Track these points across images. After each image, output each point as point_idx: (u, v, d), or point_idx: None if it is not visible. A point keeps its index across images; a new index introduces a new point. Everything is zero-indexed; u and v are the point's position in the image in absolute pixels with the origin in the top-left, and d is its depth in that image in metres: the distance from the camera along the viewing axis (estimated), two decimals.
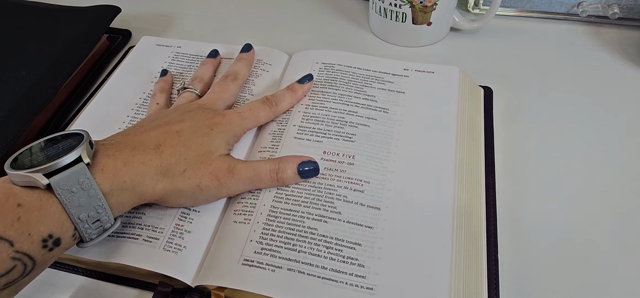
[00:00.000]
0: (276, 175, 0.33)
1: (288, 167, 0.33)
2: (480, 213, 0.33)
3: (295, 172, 0.33)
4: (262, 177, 0.33)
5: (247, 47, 0.44)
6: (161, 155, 0.30)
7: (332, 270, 0.29)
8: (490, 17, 0.46)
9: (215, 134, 0.33)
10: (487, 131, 0.38)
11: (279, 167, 0.33)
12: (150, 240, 0.31)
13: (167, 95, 0.41)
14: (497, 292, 0.29)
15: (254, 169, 0.33)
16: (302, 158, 0.34)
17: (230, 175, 0.32)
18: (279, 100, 0.38)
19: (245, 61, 0.42)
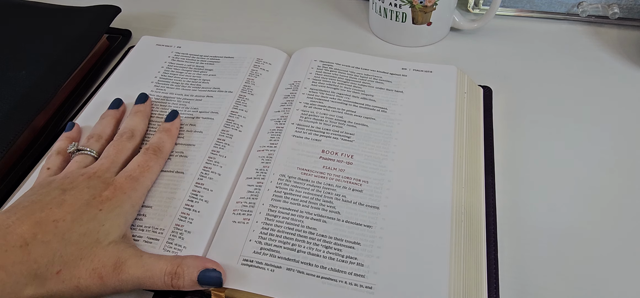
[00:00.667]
0: (171, 280, 0.28)
1: (186, 272, 0.28)
2: (480, 213, 0.33)
3: (195, 280, 0.28)
4: (154, 280, 0.28)
5: (142, 97, 0.39)
6: (29, 255, 0.25)
7: (332, 269, 0.29)
8: (490, 17, 0.46)
9: (105, 215, 0.29)
10: (487, 131, 0.38)
11: (177, 272, 0.28)
12: (150, 241, 0.31)
13: (63, 157, 0.35)
14: (497, 292, 0.29)
15: (145, 268, 0.28)
16: (206, 263, 0.28)
17: (116, 273, 0.27)
18: (161, 145, 0.35)
19: (142, 114, 0.38)
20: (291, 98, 0.40)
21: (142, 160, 0.33)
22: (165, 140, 0.36)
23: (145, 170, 0.33)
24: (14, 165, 0.38)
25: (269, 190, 0.33)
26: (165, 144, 0.35)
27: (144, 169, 0.33)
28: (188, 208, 0.33)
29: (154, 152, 0.34)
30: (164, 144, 0.35)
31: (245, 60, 0.44)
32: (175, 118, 0.38)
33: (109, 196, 0.30)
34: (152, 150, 0.34)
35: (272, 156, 0.35)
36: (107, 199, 0.29)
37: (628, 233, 0.32)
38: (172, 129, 0.37)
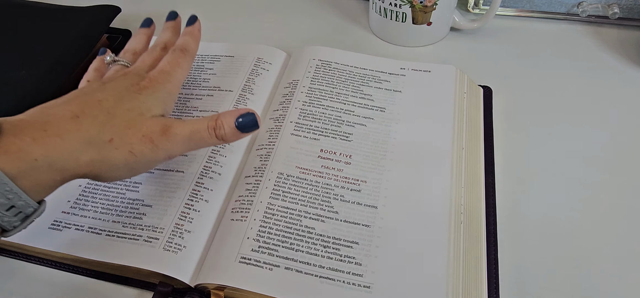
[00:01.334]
0: (214, 132, 0.31)
1: (225, 122, 0.31)
2: (480, 213, 0.33)
3: (233, 127, 0.31)
4: (201, 135, 0.31)
5: (172, 15, 0.40)
6: (81, 126, 0.28)
7: (330, 269, 0.29)
8: (490, 17, 0.46)
9: (144, 97, 0.31)
10: (487, 131, 0.38)
11: (216, 123, 0.31)
12: (150, 240, 0.31)
13: (100, 73, 0.36)
14: (497, 292, 0.29)
15: (191, 127, 0.31)
16: (240, 111, 0.31)
17: (165, 136, 0.30)
18: (186, 45, 0.37)
19: (172, 29, 0.39)
20: (290, 97, 0.40)
21: (172, 58, 0.35)
22: (190, 42, 0.37)
23: (175, 65, 0.35)
24: None
25: (267, 188, 0.33)
26: (190, 45, 0.37)
27: (175, 65, 0.35)
28: (188, 208, 0.33)
29: (182, 50, 0.36)
30: (189, 44, 0.37)
31: (246, 60, 0.44)
32: (196, 21, 0.40)
33: (145, 85, 0.32)
34: (180, 49, 0.36)
35: (271, 154, 0.35)
36: (144, 87, 0.32)
37: (628, 233, 0.32)
38: (194, 31, 0.39)
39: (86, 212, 0.33)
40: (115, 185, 0.35)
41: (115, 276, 0.31)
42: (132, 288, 0.31)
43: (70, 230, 0.32)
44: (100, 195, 0.34)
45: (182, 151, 0.31)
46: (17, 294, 0.31)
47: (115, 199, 0.34)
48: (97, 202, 0.34)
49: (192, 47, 0.37)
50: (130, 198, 0.34)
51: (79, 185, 0.35)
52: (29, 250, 0.32)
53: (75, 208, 0.33)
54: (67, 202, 0.34)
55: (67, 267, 0.32)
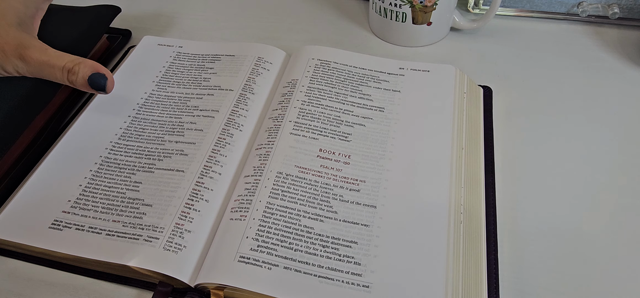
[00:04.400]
0: (67, 75, 0.32)
1: (81, 71, 0.32)
2: (480, 213, 0.33)
3: (86, 79, 0.32)
4: (54, 71, 0.31)
5: None
6: None
7: (329, 268, 0.29)
8: (490, 17, 0.46)
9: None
10: (487, 131, 0.38)
11: (73, 69, 0.32)
12: (150, 240, 0.31)
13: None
14: (497, 292, 0.29)
15: (48, 59, 0.31)
16: (99, 68, 0.32)
17: (18, 52, 0.30)
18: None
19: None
20: (289, 96, 0.40)
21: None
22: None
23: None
24: (14, 165, 0.38)
25: (266, 188, 0.33)
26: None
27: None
28: (188, 207, 0.33)
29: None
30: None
31: (247, 59, 0.44)
32: None
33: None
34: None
35: (270, 153, 0.35)
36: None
37: (628, 233, 0.32)
38: None
39: (86, 211, 0.33)
40: (115, 184, 0.35)
41: (115, 276, 0.32)
42: (132, 288, 0.31)
43: (70, 230, 0.32)
44: (100, 195, 0.34)
45: (30, 74, 0.32)
46: (17, 294, 0.31)
47: (116, 199, 0.34)
48: (97, 201, 0.34)
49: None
50: (131, 198, 0.34)
51: (79, 185, 0.35)
52: (29, 250, 0.32)
53: (76, 208, 0.33)
54: (68, 202, 0.34)
55: (67, 267, 0.32)
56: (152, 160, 0.36)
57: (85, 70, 0.32)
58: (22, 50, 0.30)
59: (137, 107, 0.41)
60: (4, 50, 0.30)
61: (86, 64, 0.32)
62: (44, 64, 0.31)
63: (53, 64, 0.31)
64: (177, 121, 0.39)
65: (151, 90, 0.42)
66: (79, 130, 0.39)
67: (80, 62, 0.32)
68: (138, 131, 0.39)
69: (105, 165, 0.36)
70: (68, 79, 0.32)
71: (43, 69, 0.31)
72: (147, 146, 0.37)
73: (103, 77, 0.32)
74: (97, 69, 0.32)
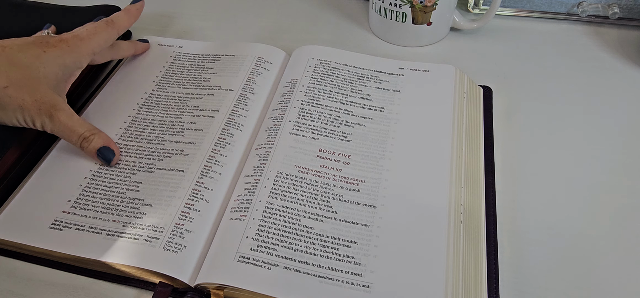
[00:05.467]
0: (81, 142, 0.34)
1: (93, 143, 0.34)
2: (480, 213, 0.33)
3: (95, 150, 0.34)
4: (71, 136, 0.34)
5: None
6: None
7: (329, 268, 0.29)
8: (490, 17, 0.46)
9: (48, 57, 0.33)
10: (487, 131, 0.38)
11: (88, 139, 0.34)
12: (150, 240, 0.31)
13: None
14: (497, 292, 0.29)
15: (72, 122, 0.34)
16: (110, 144, 0.35)
17: (50, 113, 0.33)
18: (115, 19, 0.38)
19: (129, 13, 0.40)
20: (289, 96, 0.40)
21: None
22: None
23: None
24: (14, 165, 0.38)
25: (266, 187, 0.33)
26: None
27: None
28: (188, 207, 0.33)
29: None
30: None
31: (247, 59, 0.44)
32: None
33: (53, 44, 0.34)
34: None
35: (270, 153, 0.35)
36: (51, 46, 0.33)
37: (628, 233, 0.32)
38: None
39: (87, 211, 0.33)
40: (115, 184, 0.35)
41: (115, 276, 0.32)
42: (132, 288, 0.31)
43: (70, 230, 0.32)
44: (100, 195, 0.34)
45: (51, 132, 0.34)
46: (17, 294, 0.31)
47: (116, 199, 0.34)
48: (97, 201, 0.34)
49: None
50: (131, 198, 0.34)
51: (79, 185, 0.35)
52: (29, 250, 0.32)
53: (76, 208, 0.33)
54: (68, 202, 0.34)
55: (67, 267, 0.32)
56: (152, 160, 0.36)
57: (98, 142, 0.35)
58: (53, 111, 0.33)
59: (137, 107, 0.41)
60: (39, 108, 0.32)
61: (100, 136, 0.35)
62: (67, 128, 0.34)
63: (74, 130, 0.34)
64: (177, 121, 0.39)
65: (151, 90, 0.42)
66: None
67: (96, 133, 0.35)
68: (138, 131, 0.39)
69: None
70: (81, 145, 0.35)
71: (65, 132, 0.34)
72: (147, 146, 0.37)
73: (111, 152, 0.35)
74: (108, 144, 0.35)
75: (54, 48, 0.33)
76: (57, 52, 0.33)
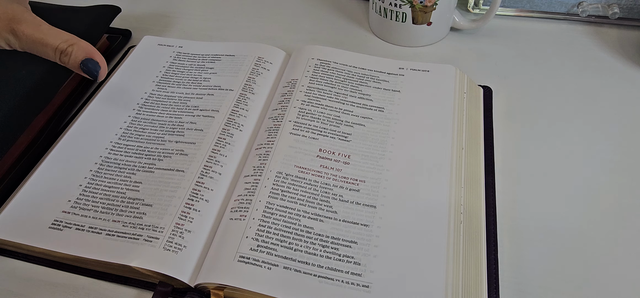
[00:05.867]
0: (60, 56, 0.31)
1: (74, 53, 0.31)
2: (480, 213, 0.33)
3: (79, 62, 0.31)
4: (46, 50, 0.31)
5: None
6: None
7: (328, 268, 0.29)
8: (490, 17, 0.46)
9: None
10: (487, 131, 0.38)
11: (67, 51, 0.31)
12: (150, 240, 0.31)
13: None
14: (497, 292, 0.29)
15: (42, 34, 0.30)
16: (94, 54, 0.32)
17: (11, 31, 0.29)
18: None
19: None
20: (289, 96, 0.40)
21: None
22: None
23: None
24: (14, 165, 0.38)
25: (266, 187, 0.33)
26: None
27: None
28: (188, 207, 0.33)
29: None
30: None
31: (247, 59, 0.44)
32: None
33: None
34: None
35: (269, 153, 0.35)
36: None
37: (628, 233, 0.32)
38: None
39: (87, 211, 0.33)
40: (115, 184, 0.35)
41: (115, 276, 0.32)
42: (132, 288, 0.31)
43: (70, 230, 0.32)
44: (100, 195, 0.34)
45: (22, 49, 0.31)
46: (17, 294, 0.31)
47: (116, 199, 0.34)
48: (97, 201, 0.34)
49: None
50: (131, 198, 0.34)
51: (79, 185, 0.35)
52: (29, 250, 0.32)
53: (76, 208, 0.33)
54: (68, 202, 0.34)
55: (67, 267, 0.32)
56: (152, 160, 0.36)
57: (79, 53, 0.31)
58: (15, 24, 0.29)
59: (137, 107, 0.41)
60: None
61: (80, 46, 0.31)
62: (36, 42, 0.30)
63: (46, 42, 0.30)
64: (177, 121, 0.39)
65: (151, 90, 0.42)
66: (79, 130, 0.39)
67: (74, 43, 0.31)
68: (138, 131, 0.39)
69: (106, 165, 0.36)
70: (60, 60, 0.31)
71: (35, 46, 0.30)
72: (147, 146, 0.37)
73: (96, 64, 0.32)
74: (90, 54, 0.31)
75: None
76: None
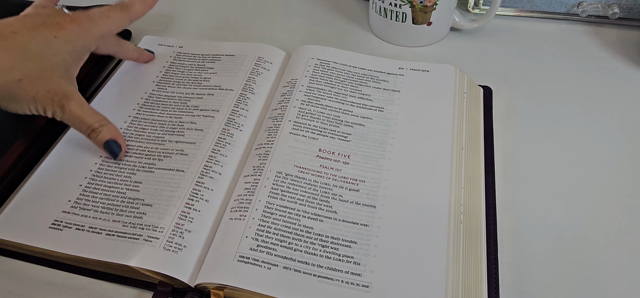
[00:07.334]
0: (90, 133, 0.34)
1: (102, 133, 0.34)
2: (480, 213, 0.33)
3: (103, 142, 0.35)
4: (81, 127, 0.34)
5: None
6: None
7: (328, 268, 0.29)
8: (490, 17, 0.46)
9: (59, 43, 0.32)
10: (487, 131, 0.38)
11: (97, 130, 0.34)
12: (150, 240, 0.31)
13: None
14: (497, 292, 0.29)
15: (82, 113, 0.34)
16: (118, 137, 0.35)
17: (62, 105, 0.33)
18: (130, 4, 0.37)
19: (143, 1, 0.38)
20: (288, 96, 0.40)
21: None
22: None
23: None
24: (14, 165, 0.38)
25: (265, 187, 0.33)
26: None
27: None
28: (188, 207, 0.33)
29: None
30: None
31: (247, 59, 0.44)
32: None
33: (64, 25, 0.33)
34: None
35: (269, 153, 0.35)
36: (62, 28, 0.33)
37: (628, 233, 0.32)
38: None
39: (87, 211, 0.33)
40: (115, 184, 0.35)
41: (115, 276, 0.32)
42: (132, 288, 0.31)
43: (70, 230, 0.32)
44: (100, 195, 0.34)
45: (63, 120, 0.34)
46: (17, 294, 0.31)
47: (116, 198, 0.34)
48: (97, 201, 0.34)
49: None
50: (131, 198, 0.34)
51: (80, 185, 0.35)
52: (29, 250, 0.32)
53: (76, 208, 0.33)
54: (68, 202, 0.34)
55: (67, 267, 0.32)
56: (152, 160, 0.36)
57: (106, 134, 0.35)
58: (65, 101, 0.33)
59: (137, 107, 0.41)
60: (52, 98, 0.32)
61: (109, 129, 0.35)
62: (77, 118, 0.34)
63: (84, 121, 0.34)
64: (177, 121, 0.39)
65: (151, 90, 0.42)
66: None
67: (105, 125, 0.35)
68: (138, 131, 0.39)
69: (106, 165, 0.36)
70: (89, 136, 0.35)
71: (74, 122, 0.34)
72: (147, 146, 0.37)
73: (118, 146, 0.35)
74: (115, 137, 0.35)
75: (65, 31, 0.32)
76: (67, 36, 0.33)
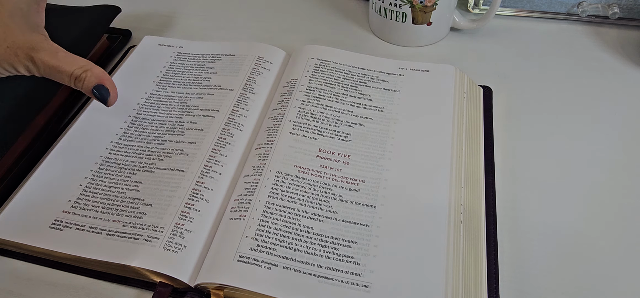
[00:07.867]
0: (74, 81, 0.33)
1: (87, 79, 0.32)
2: (480, 213, 0.33)
3: (90, 88, 0.33)
4: (61, 77, 0.32)
5: None
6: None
7: (328, 268, 0.29)
8: (490, 17, 0.46)
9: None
10: (487, 131, 0.38)
11: (80, 76, 0.32)
12: (150, 240, 0.31)
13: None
14: (497, 292, 0.29)
15: (57, 64, 0.31)
16: (105, 80, 0.33)
17: (30, 59, 0.31)
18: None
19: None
20: (288, 96, 0.40)
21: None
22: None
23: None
24: (14, 165, 0.38)
25: (265, 187, 0.33)
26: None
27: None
28: (188, 207, 0.33)
29: None
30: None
31: (247, 59, 0.44)
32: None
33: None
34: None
35: (269, 153, 0.35)
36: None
37: (628, 233, 0.32)
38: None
39: (87, 211, 0.33)
40: (115, 184, 0.35)
41: (115, 276, 0.32)
42: (132, 288, 0.31)
43: (70, 230, 0.32)
44: (100, 195, 0.34)
45: (40, 75, 0.32)
46: (17, 294, 0.31)
47: (116, 198, 0.34)
48: (97, 201, 0.34)
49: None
50: (131, 198, 0.34)
51: (80, 185, 0.35)
52: (29, 250, 0.32)
53: (76, 208, 0.33)
54: (68, 202, 0.34)
55: (67, 267, 0.32)
56: (152, 160, 0.36)
57: (92, 79, 0.33)
58: (34, 53, 0.30)
59: (137, 107, 0.41)
60: (16, 53, 0.30)
61: (93, 72, 0.33)
62: (53, 68, 0.32)
63: (62, 69, 0.32)
64: (178, 121, 0.39)
65: (151, 90, 0.42)
66: (79, 130, 0.39)
67: (88, 69, 0.33)
68: (138, 131, 0.39)
69: (106, 165, 0.36)
70: (74, 85, 0.33)
71: (52, 73, 0.32)
72: (147, 146, 0.37)
73: (106, 90, 0.33)
74: (102, 80, 0.33)
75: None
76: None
